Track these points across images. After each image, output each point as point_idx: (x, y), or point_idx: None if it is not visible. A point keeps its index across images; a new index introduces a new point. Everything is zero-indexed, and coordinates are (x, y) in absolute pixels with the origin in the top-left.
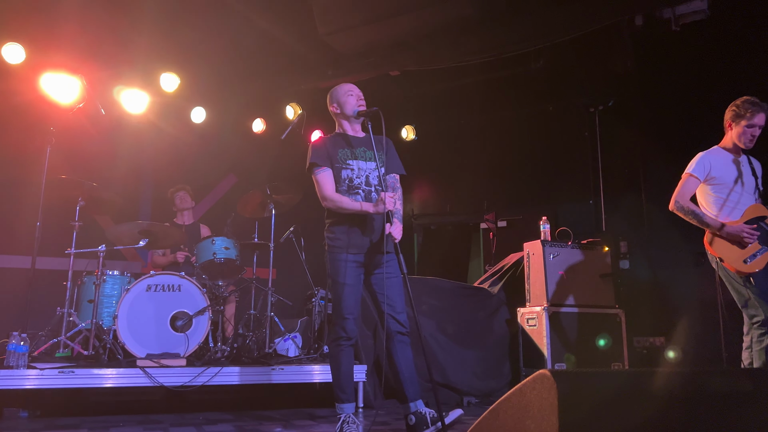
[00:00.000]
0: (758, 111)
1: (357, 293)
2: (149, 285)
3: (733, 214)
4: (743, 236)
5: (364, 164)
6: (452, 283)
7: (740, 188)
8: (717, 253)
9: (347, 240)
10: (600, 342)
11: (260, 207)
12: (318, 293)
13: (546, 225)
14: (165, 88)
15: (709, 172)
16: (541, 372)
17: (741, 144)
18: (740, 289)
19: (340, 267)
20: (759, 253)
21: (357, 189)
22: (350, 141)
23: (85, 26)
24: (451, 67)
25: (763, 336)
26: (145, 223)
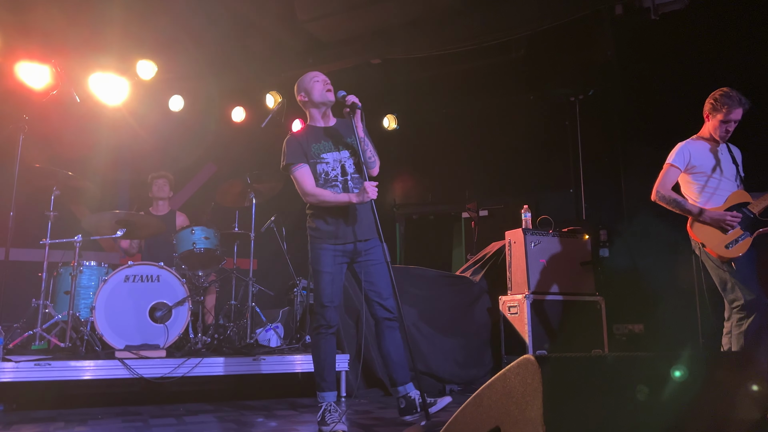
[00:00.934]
0: (735, 106)
1: (337, 282)
2: (127, 276)
3: (715, 201)
4: (725, 221)
5: (337, 154)
6: (434, 272)
7: (720, 175)
8: (699, 239)
9: (329, 230)
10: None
11: (240, 196)
12: (300, 283)
13: (527, 213)
14: (142, 75)
15: (689, 161)
16: (524, 357)
17: (716, 137)
18: (722, 274)
19: (321, 256)
20: (741, 239)
21: (334, 182)
22: (322, 133)
23: (59, 12)
24: (432, 55)
25: (743, 320)
26: (122, 213)
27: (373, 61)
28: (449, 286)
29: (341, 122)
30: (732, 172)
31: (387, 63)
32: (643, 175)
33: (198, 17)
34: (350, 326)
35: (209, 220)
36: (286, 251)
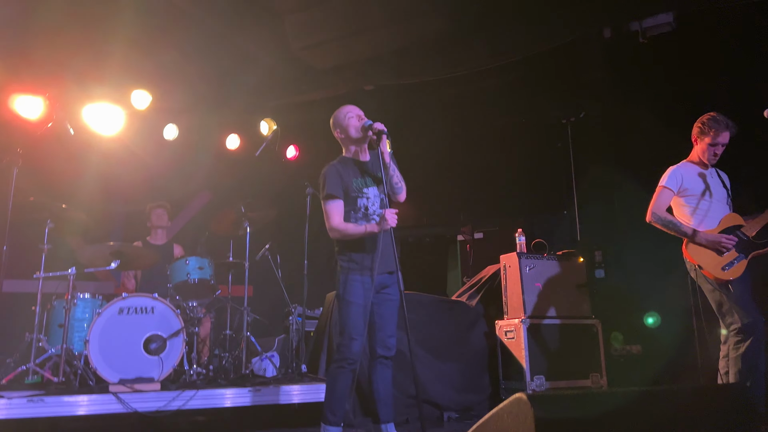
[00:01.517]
0: (722, 130)
1: (366, 314)
2: (121, 308)
3: (708, 223)
4: (721, 243)
5: (376, 189)
6: (430, 297)
7: (711, 198)
8: (696, 261)
9: (362, 261)
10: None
11: (234, 225)
12: (295, 311)
13: (521, 237)
14: (136, 105)
15: (681, 183)
16: (516, 396)
17: (705, 160)
18: (718, 297)
19: (353, 287)
20: (736, 261)
21: (373, 216)
22: (362, 168)
23: (56, 44)
24: (424, 80)
25: (740, 343)
26: (116, 244)
27: (366, 87)
28: (446, 311)
29: (375, 156)
30: (722, 196)
31: (380, 89)
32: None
33: (192, 46)
34: None
35: (203, 250)
36: (281, 279)
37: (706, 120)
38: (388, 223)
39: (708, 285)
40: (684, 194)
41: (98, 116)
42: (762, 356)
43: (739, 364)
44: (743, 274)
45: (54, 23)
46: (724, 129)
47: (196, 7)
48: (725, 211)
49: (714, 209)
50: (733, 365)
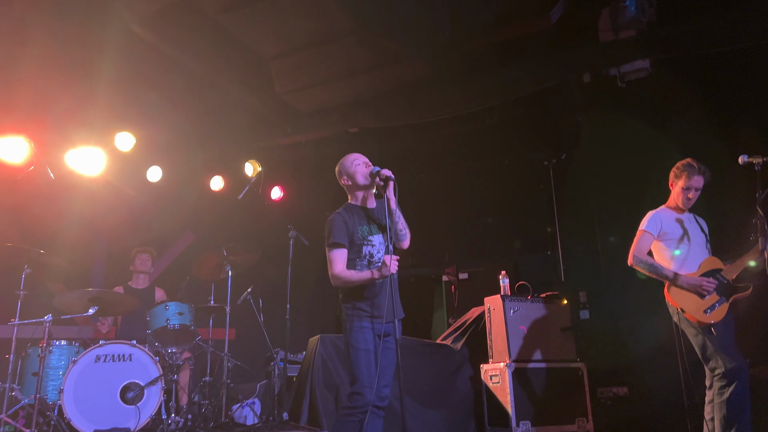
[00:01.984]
0: (694, 173)
1: (376, 360)
2: (98, 355)
3: (688, 267)
4: (702, 287)
5: (381, 237)
6: (415, 341)
7: (691, 243)
8: (678, 304)
9: (369, 308)
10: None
11: (217, 268)
12: (277, 355)
13: (505, 279)
14: (120, 147)
15: (661, 228)
16: None
17: (680, 204)
18: (701, 340)
19: (363, 333)
20: (717, 304)
21: (377, 263)
22: (368, 215)
23: (39, 87)
24: (408, 123)
25: (724, 388)
26: (94, 291)
27: (350, 129)
28: (431, 354)
29: (381, 204)
30: (701, 240)
31: (364, 131)
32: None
33: (177, 90)
34: (329, 400)
35: (184, 295)
36: (262, 323)
37: (680, 165)
38: (389, 269)
39: (691, 329)
40: (663, 238)
41: (81, 159)
42: (747, 401)
43: (724, 410)
44: (725, 317)
45: (37, 68)
46: (696, 173)
47: (180, 51)
48: (704, 255)
49: (693, 253)
50: (718, 411)
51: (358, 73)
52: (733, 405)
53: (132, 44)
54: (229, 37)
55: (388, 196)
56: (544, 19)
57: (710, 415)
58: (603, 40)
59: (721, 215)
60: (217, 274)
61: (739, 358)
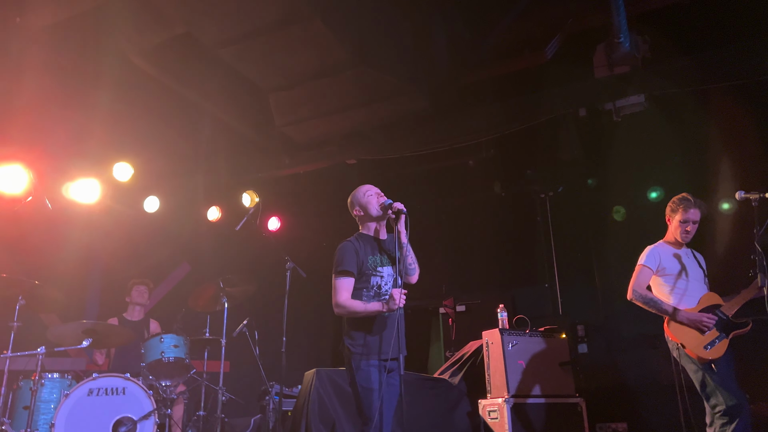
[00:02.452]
0: (690, 207)
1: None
2: (91, 389)
3: (687, 302)
4: (702, 323)
5: (391, 269)
6: (412, 375)
7: (689, 278)
8: (678, 340)
9: (374, 344)
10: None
11: (212, 300)
12: (272, 389)
13: (503, 313)
14: (118, 177)
15: (660, 262)
16: None
17: (679, 238)
18: (701, 377)
19: (370, 373)
20: (717, 340)
21: (384, 295)
22: (379, 246)
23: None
24: (406, 156)
25: (725, 426)
26: (89, 323)
27: (348, 161)
28: (428, 389)
29: (392, 236)
30: (699, 275)
31: (362, 163)
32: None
33: (176, 121)
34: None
35: (179, 327)
36: (258, 356)
37: (676, 199)
38: (397, 302)
39: (691, 365)
40: (662, 273)
41: (79, 189)
42: None
43: None
44: (726, 354)
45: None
46: (692, 206)
47: (180, 83)
48: (703, 290)
49: (692, 288)
50: None
51: (356, 106)
52: None
53: (130, 76)
54: (229, 70)
55: (399, 230)
56: (540, 55)
57: None
58: (598, 76)
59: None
60: (213, 306)
61: (739, 394)
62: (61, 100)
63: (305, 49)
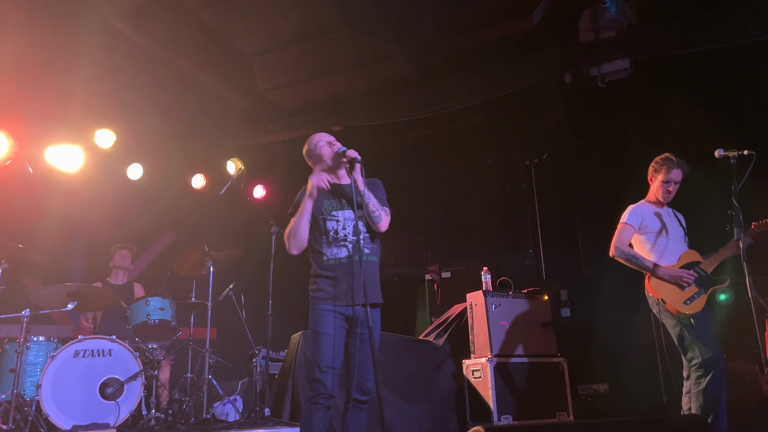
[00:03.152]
0: (673, 167)
1: (338, 346)
2: (77, 351)
3: (667, 259)
4: (682, 278)
5: (350, 213)
6: (396, 337)
7: (669, 236)
8: (658, 295)
9: (331, 291)
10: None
11: (198, 264)
12: (259, 352)
13: (487, 275)
14: (100, 144)
15: (641, 221)
16: (475, 429)
17: (660, 198)
18: (680, 331)
19: (322, 317)
20: (696, 296)
21: (343, 241)
22: (337, 190)
23: (17, 83)
24: (391, 122)
25: (701, 378)
26: (73, 285)
27: (333, 128)
28: (413, 350)
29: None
30: (679, 234)
31: (348, 129)
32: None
33: (159, 87)
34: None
35: (165, 290)
36: (245, 320)
37: (659, 159)
38: (320, 181)
39: (670, 320)
40: (643, 231)
41: (61, 156)
42: (724, 391)
43: (701, 399)
44: (704, 309)
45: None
46: (675, 167)
47: (161, 47)
48: (683, 248)
49: (672, 246)
50: (695, 400)
51: (341, 71)
52: (709, 394)
53: (110, 39)
54: (211, 33)
55: (355, 177)
56: (526, 20)
57: (687, 406)
58: (583, 41)
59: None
60: (198, 270)
61: (716, 348)
62: (41, 64)
63: (288, 11)
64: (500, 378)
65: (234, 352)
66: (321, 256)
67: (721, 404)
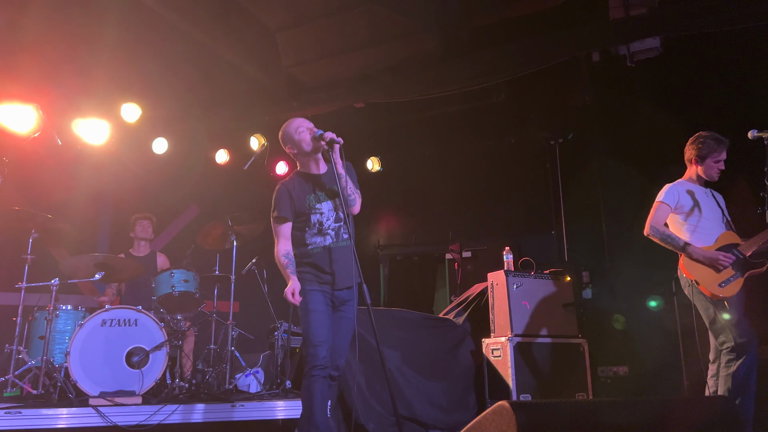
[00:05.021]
0: (726, 146)
1: (327, 322)
2: (104, 320)
3: (704, 240)
4: (719, 261)
5: (331, 204)
6: (417, 314)
7: (708, 216)
8: (692, 276)
9: (312, 273)
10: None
11: (221, 238)
12: (281, 326)
13: (509, 255)
14: (126, 118)
15: (678, 200)
16: (499, 404)
17: (707, 177)
18: (712, 313)
19: (309, 295)
20: (732, 279)
21: (327, 230)
22: (316, 183)
23: (43, 55)
24: (415, 99)
25: (732, 362)
26: (100, 256)
27: (356, 105)
28: (432, 328)
29: (330, 169)
30: (718, 215)
31: (370, 106)
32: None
33: (184, 62)
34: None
35: (189, 263)
36: (267, 294)
37: (708, 138)
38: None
39: (703, 302)
40: (680, 211)
41: (87, 129)
42: (754, 376)
43: (729, 383)
44: (739, 292)
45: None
46: (725, 145)
47: (186, 20)
48: (721, 229)
49: (710, 227)
50: (723, 384)
51: (365, 47)
52: (739, 379)
53: (135, 11)
54: (236, 6)
55: (335, 160)
56: None
57: (714, 388)
58: (613, 18)
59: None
60: (222, 244)
61: (749, 332)
62: (66, 36)
63: None
64: (520, 357)
65: (256, 325)
66: (305, 246)
67: (749, 389)
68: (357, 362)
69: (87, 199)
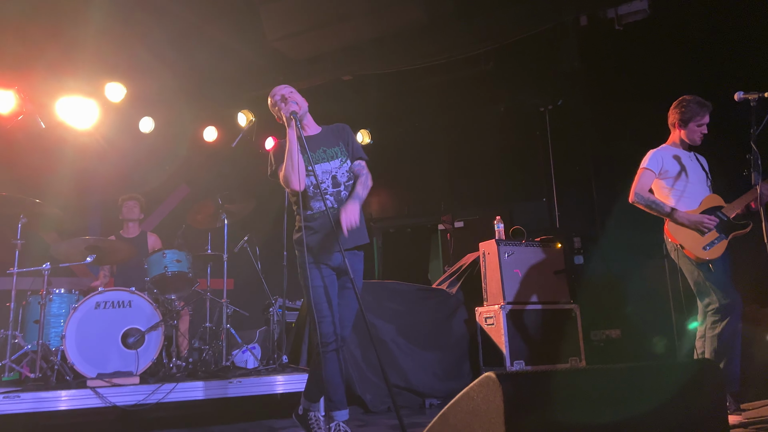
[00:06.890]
0: (708, 109)
1: (331, 294)
2: (98, 302)
3: (688, 204)
4: (703, 223)
5: (327, 165)
6: (410, 286)
7: (692, 181)
8: (677, 240)
9: (314, 245)
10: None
11: (212, 217)
12: (276, 302)
13: (500, 224)
14: (111, 98)
15: (662, 165)
16: (486, 375)
17: (690, 141)
18: (697, 276)
19: (308, 270)
20: (717, 241)
21: (326, 194)
22: (308, 143)
23: (25, 36)
24: (402, 70)
25: (717, 323)
26: (91, 239)
27: (344, 77)
28: (426, 299)
29: (327, 130)
30: (702, 178)
31: (358, 79)
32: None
33: (168, 39)
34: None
35: (180, 243)
36: (260, 270)
37: (691, 101)
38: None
39: (688, 265)
40: (665, 176)
41: (72, 110)
42: (739, 337)
43: (715, 344)
44: (723, 254)
45: (22, 15)
46: (707, 109)
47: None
48: (705, 192)
49: (694, 191)
50: (709, 345)
51: (350, 18)
52: (724, 339)
53: None
54: None
55: (290, 138)
56: None
57: (701, 350)
58: None
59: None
60: (213, 223)
61: (734, 294)
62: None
63: None
64: (513, 324)
65: (251, 302)
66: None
67: (734, 350)
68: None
69: (74, 181)
